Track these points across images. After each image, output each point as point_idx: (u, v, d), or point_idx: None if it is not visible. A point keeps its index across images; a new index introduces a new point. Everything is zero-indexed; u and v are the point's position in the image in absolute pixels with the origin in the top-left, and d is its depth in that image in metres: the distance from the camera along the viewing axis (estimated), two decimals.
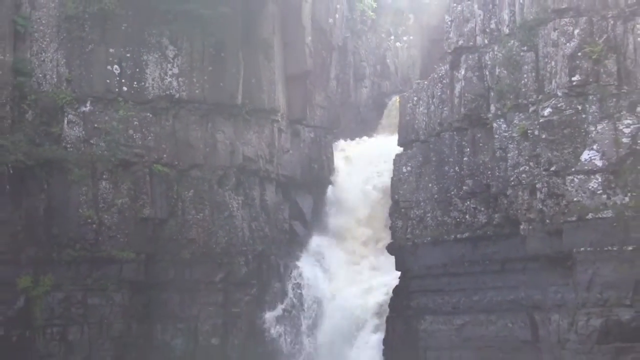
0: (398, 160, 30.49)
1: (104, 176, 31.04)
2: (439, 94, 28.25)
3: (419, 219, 28.84)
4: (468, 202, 26.77)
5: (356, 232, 35.66)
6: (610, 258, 21.33)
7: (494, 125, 25.45)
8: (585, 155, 22.05)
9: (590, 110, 22.22)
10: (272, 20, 35.14)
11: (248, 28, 34.07)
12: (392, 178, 30.80)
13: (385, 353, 29.58)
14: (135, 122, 31.77)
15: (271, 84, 34.77)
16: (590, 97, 22.25)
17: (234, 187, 33.43)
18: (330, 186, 37.94)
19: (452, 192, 27.31)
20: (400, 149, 30.98)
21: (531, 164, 23.61)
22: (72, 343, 29.86)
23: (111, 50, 31.90)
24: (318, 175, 37.82)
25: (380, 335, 30.06)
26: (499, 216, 25.67)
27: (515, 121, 24.22)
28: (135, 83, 32.10)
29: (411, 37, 45.85)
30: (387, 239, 31.46)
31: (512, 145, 24.36)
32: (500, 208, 25.59)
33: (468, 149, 26.83)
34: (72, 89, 31.42)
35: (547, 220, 23.01)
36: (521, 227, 24.17)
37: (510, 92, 24.53)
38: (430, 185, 28.40)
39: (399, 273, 30.02)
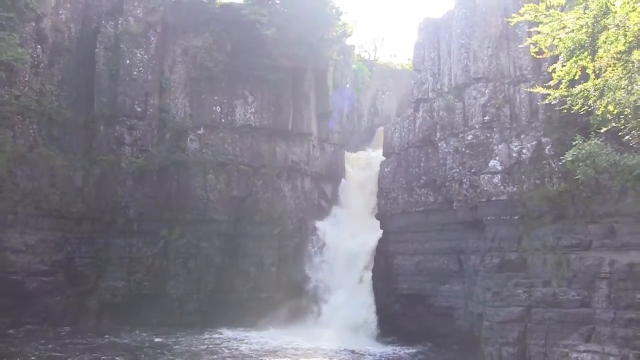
0: (382, 164, 30.02)
1: (210, 172, 31.34)
2: (406, 125, 28.01)
3: (394, 199, 28.53)
4: (423, 189, 26.64)
5: (357, 206, 35.17)
6: (505, 223, 21.46)
7: (439, 145, 25.36)
8: (491, 163, 22.13)
9: (495, 137, 22.31)
10: (309, 82, 35.12)
11: (295, 86, 34.13)
12: (378, 175, 30.35)
13: (373, 277, 29.28)
14: (229, 140, 32.12)
15: (309, 119, 34.85)
16: (495, 129, 22.34)
17: (286, 179, 33.57)
18: (342, 179, 37.68)
19: (414, 184, 27.10)
20: (384, 158, 30.43)
21: (460, 168, 23.59)
22: (191, 269, 30.26)
23: (215, 98, 32.27)
24: (335, 172, 37.49)
25: (370, 266, 29.79)
26: (441, 198, 25.60)
27: (451, 143, 24.18)
28: (229, 117, 32.39)
29: (391, 92, 45.52)
30: (375, 210, 31.03)
31: (449, 157, 24.32)
32: (442, 193, 25.45)
33: (423, 158, 26.69)
34: (192, 120, 31.80)
35: (469, 201, 23.10)
36: (454, 204, 24.19)
37: (448, 125, 24.42)
38: (401, 179, 28.13)
39: (382, 230, 29.75)
